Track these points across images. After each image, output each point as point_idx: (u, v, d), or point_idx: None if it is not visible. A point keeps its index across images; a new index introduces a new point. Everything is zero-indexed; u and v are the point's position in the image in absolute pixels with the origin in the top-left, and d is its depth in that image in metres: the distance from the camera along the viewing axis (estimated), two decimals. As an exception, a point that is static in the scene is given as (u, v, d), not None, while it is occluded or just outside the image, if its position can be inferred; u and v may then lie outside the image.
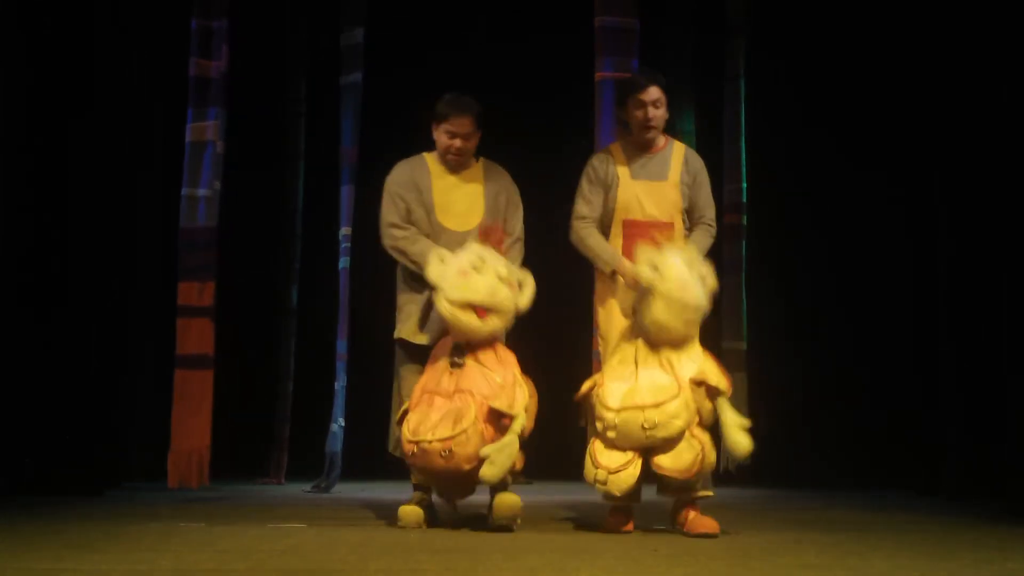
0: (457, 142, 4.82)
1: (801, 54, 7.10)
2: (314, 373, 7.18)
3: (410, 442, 4.37)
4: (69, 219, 6.26)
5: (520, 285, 4.56)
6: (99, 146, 6.40)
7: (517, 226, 4.91)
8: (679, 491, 4.43)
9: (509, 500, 4.44)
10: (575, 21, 6.69)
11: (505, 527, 4.41)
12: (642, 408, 4.29)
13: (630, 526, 4.47)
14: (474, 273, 4.43)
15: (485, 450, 4.30)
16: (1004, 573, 3.43)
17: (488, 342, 4.56)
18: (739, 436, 4.32)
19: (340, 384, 6.67)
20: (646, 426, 4.27)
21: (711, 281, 4.48)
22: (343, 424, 6.64)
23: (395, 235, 4.79)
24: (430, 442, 4.31)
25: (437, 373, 4.54)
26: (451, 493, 4.56)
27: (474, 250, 4.52)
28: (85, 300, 6.26)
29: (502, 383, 4.44)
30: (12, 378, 5.89)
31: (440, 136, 4.86)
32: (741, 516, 4.85)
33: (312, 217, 7.41)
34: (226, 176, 6.50)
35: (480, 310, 4.45)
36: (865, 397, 6.87)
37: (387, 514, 4.92)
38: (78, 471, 5.99)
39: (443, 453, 4.29)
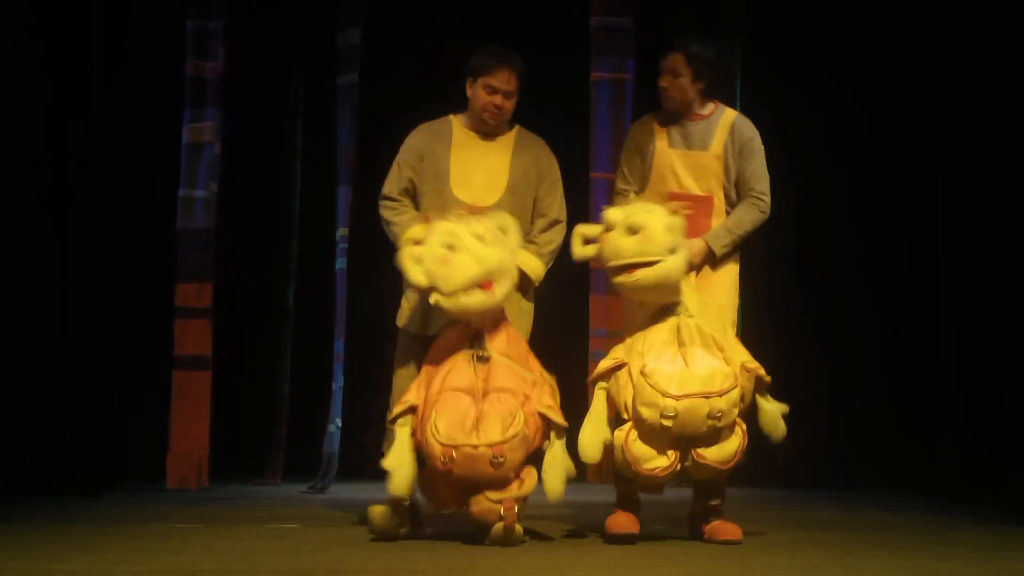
0: (498, 99, 4.31)
1: (797, 55, 7.07)
2: (311, 374, 7.15)
3: (445, 446, 3.82)
4: (67, 221, 6.25)
5: (503, 231, 4.07)
6: (98, 147, 6.41)
7: (554, 206, 4.42)
8: (711, 479, 4.09)
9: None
10: (571, 21, 6.68)
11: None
12: (707, 396, 3.90)
13: (636, 527, 4.08)
14: (451, 253, 3.95)
15: (547, 485, 3.97)
16: (1004, 573, 3.43)
17: (497, 321, 4.13)
18: (780, 421, 4.09)
19: (337, 385, 6.66)
20: (712, 415, 3.89)
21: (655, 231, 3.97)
22: (340, 425, 6.64)
23: (384, 205, 4.41)
24: (476, 447, 3.80)
25: (458, 368, 4.04)
26: (453, 502, 4.03)
27: (441, 228, 4.03)
28: (84, 302, 6.26)
29: (533, 380, 4.06)
30: (13, 379, 5.90)
31: (477, 92, 4.32)
32: (741, 516, 4.83)
33: (309, 218, 7.39)
34: (223, 177, 6.53)
35: (483, 283, 3.97)
36: (865, 397, 6.85)
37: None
38: (78, 471, 5.99)
39: (496, 459, 3.81)
